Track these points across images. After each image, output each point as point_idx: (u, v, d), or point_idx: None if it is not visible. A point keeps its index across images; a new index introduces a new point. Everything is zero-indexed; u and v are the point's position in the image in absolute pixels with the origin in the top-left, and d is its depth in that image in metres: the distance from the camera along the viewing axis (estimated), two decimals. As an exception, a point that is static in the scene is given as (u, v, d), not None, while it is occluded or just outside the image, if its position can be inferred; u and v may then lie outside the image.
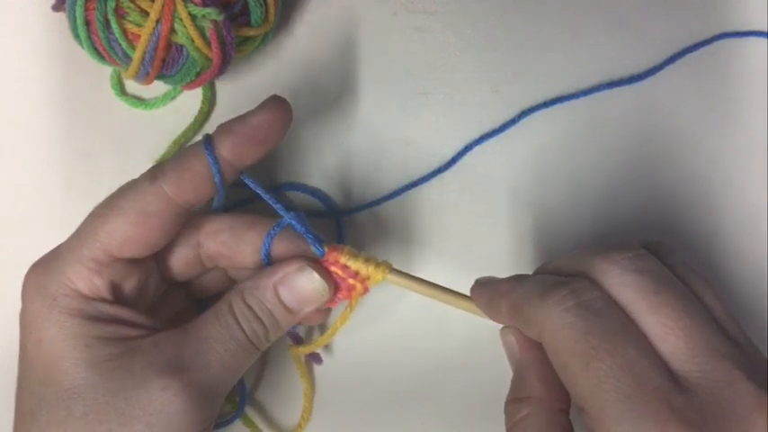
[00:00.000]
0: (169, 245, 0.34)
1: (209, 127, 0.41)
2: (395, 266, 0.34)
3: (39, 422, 0.30)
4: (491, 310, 0.33)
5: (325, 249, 0.33)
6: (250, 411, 0.40)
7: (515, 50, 0.42)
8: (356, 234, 0.41)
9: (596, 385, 0.26)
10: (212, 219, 0.35)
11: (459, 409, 0.40)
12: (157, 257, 0.34)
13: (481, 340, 0.39)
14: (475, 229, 0.41)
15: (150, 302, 0.34)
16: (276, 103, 0.33)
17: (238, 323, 0.32)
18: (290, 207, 0.34)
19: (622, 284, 0.28)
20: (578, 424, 0.30)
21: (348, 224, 0.41)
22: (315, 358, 0.39)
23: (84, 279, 0.31)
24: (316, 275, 0.33)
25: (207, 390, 0.30)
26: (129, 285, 0.33)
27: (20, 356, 0.32)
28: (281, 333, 0.34)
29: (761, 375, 0.27)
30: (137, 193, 0.32)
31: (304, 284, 0.33)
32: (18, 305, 0.32)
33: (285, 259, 0.33)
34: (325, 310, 0.36)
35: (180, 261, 0.35)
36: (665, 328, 0.27)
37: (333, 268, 0.34)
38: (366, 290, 0.34)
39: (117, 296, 0.32)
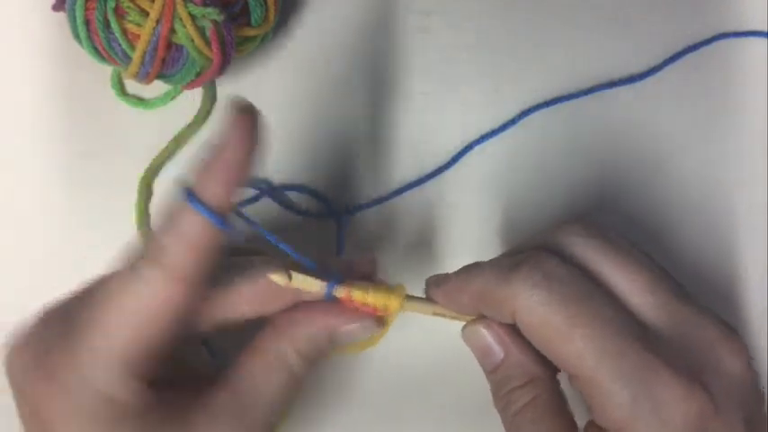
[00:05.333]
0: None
1: (210, 126, 0.41)
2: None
3: None
4: (453, 305, 0.32)
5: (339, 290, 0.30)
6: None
7: (515, 50, 0.42)
8: (356, 235, 0.41)
9: (583, 350, 0.27)
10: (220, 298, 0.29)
11: (458, 409, 0.40)
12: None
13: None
14: (475, 229, 0.41)
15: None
16: (245, 125, 0.27)
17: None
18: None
19: (587, 249, 0.30)
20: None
21: (348, 225, 0.41)
22: None
23: (114, 383, 0.26)
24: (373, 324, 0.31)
25: None
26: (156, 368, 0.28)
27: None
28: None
29: (713, 312, 0.30)
30: (143, 285, 0.26)
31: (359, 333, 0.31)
32: (18, 304, 0.32)
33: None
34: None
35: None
36: (632, 284, 0.29)
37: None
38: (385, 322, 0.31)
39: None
